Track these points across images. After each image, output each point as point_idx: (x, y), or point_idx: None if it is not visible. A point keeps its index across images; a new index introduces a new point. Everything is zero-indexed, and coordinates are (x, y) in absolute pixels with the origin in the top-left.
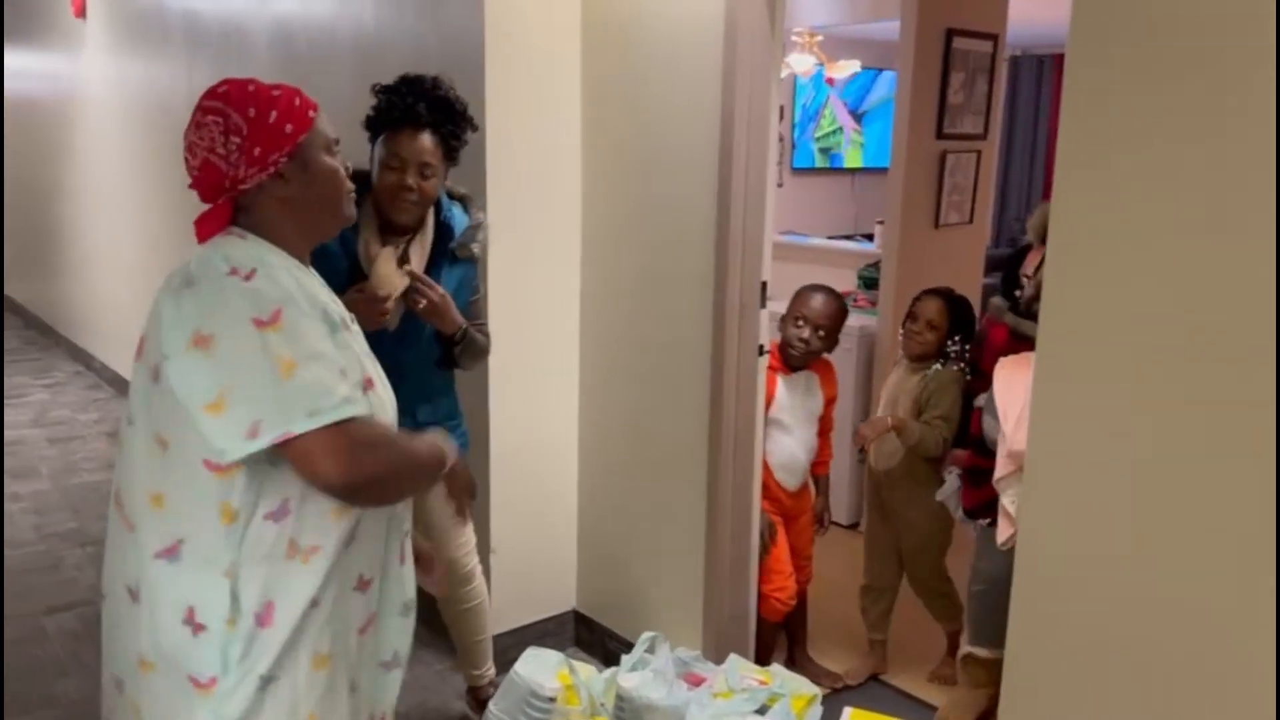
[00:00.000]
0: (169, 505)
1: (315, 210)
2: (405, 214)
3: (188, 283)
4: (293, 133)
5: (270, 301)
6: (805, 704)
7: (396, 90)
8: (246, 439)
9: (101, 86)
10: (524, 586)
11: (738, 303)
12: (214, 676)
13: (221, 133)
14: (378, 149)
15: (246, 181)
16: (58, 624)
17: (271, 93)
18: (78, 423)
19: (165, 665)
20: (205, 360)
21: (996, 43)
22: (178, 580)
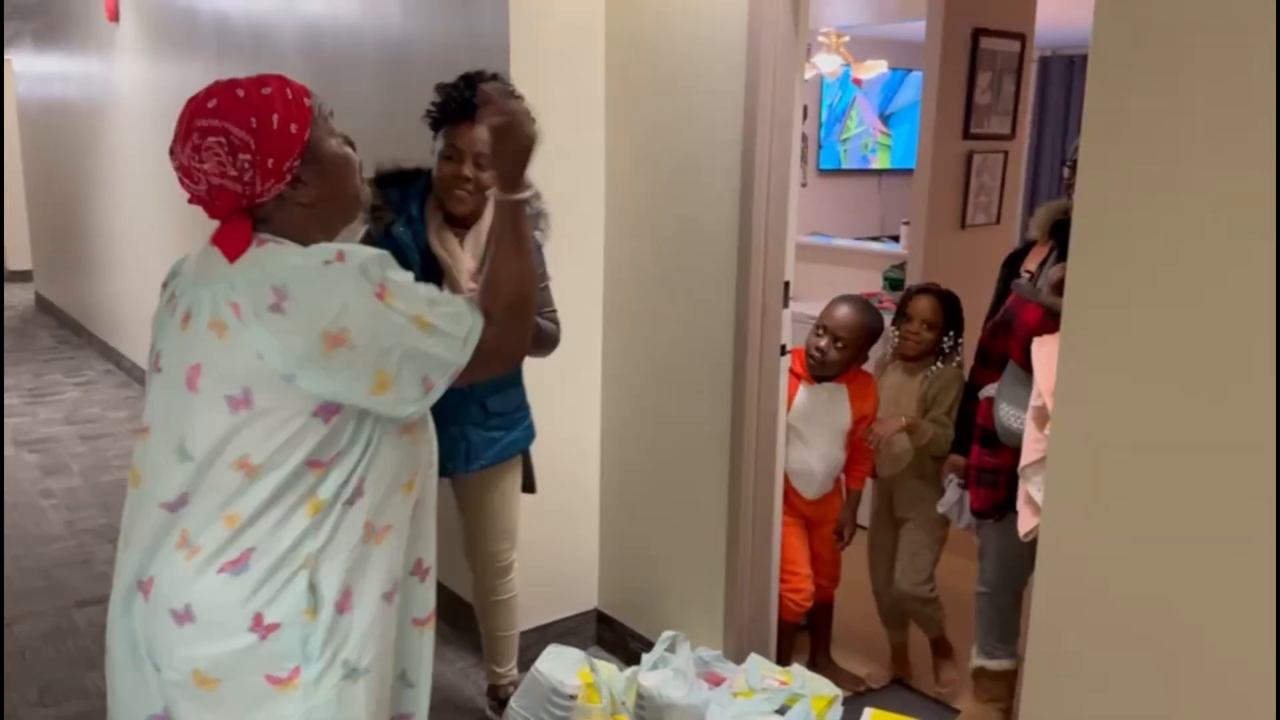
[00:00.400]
0: (245, 520)
1: (337, 203)
2: (461, 204)
3: (286, 294)
4: (298, 131)
5: (374, 271)
6: (826, 705)
7: (455, 85)
8: (424, 395)
9: (133, 89)
10: (546, 585)
11: (760, 302)
12: (296, 667)
13: (228, 153)
14: (438, 142)
15: (264, 195)
16: (87, 617)
17: (263, 92)
18: (108, 420)
19: (232, 675)
20: (350, 354)
21: (1024, 43)
22: (242, 590)
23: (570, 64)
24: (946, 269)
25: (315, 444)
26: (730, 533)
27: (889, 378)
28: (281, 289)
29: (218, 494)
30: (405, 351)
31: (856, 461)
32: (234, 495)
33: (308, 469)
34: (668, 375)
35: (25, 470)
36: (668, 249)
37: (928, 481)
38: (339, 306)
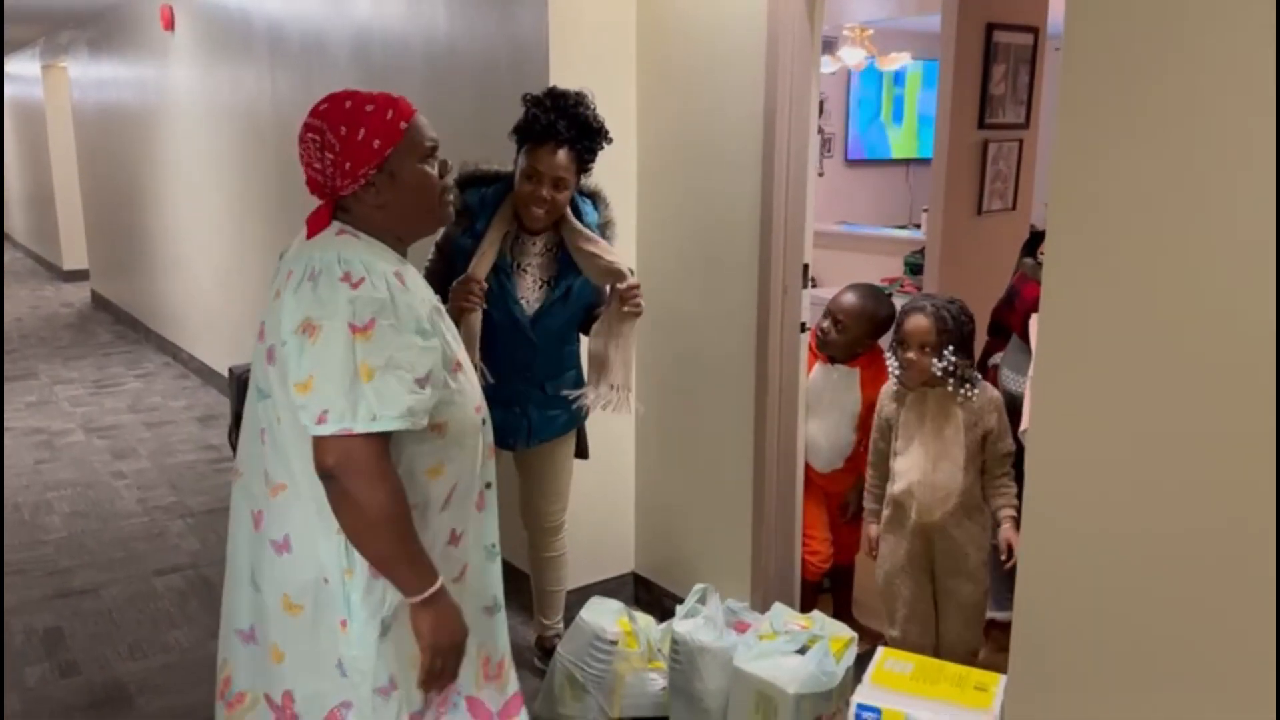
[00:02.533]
0: (297, 471)
1: (407, 212)
2: (536, 221)
3: (310, 277)
4: (380, 147)
5: (368, 311)
6: (843, 645)
7: (541, 104)
8: (317, 424)
9: (188, 95)
10: (588, 550)
11: (781, 283)
12: (344, 619)
13: (318, 149)
14: (521, 158)
15: (342, 190)
16: (166, 584)
17: (365, 108)
18: (170, 409)
19: (312, 607)
20: (308, 345)
21: (1037, 35)
22: (310, 536)
23: (604, 62)
24: (964, 254)
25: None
26: (756, 497)
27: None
28: (316, 272)
29: (282, 439)
30: (333, 379)
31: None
32: (284, 440)
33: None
34: (696, 352)
35: (96, 454)
36: (695, 232)
37: (977, 518)
38: (327, 309)
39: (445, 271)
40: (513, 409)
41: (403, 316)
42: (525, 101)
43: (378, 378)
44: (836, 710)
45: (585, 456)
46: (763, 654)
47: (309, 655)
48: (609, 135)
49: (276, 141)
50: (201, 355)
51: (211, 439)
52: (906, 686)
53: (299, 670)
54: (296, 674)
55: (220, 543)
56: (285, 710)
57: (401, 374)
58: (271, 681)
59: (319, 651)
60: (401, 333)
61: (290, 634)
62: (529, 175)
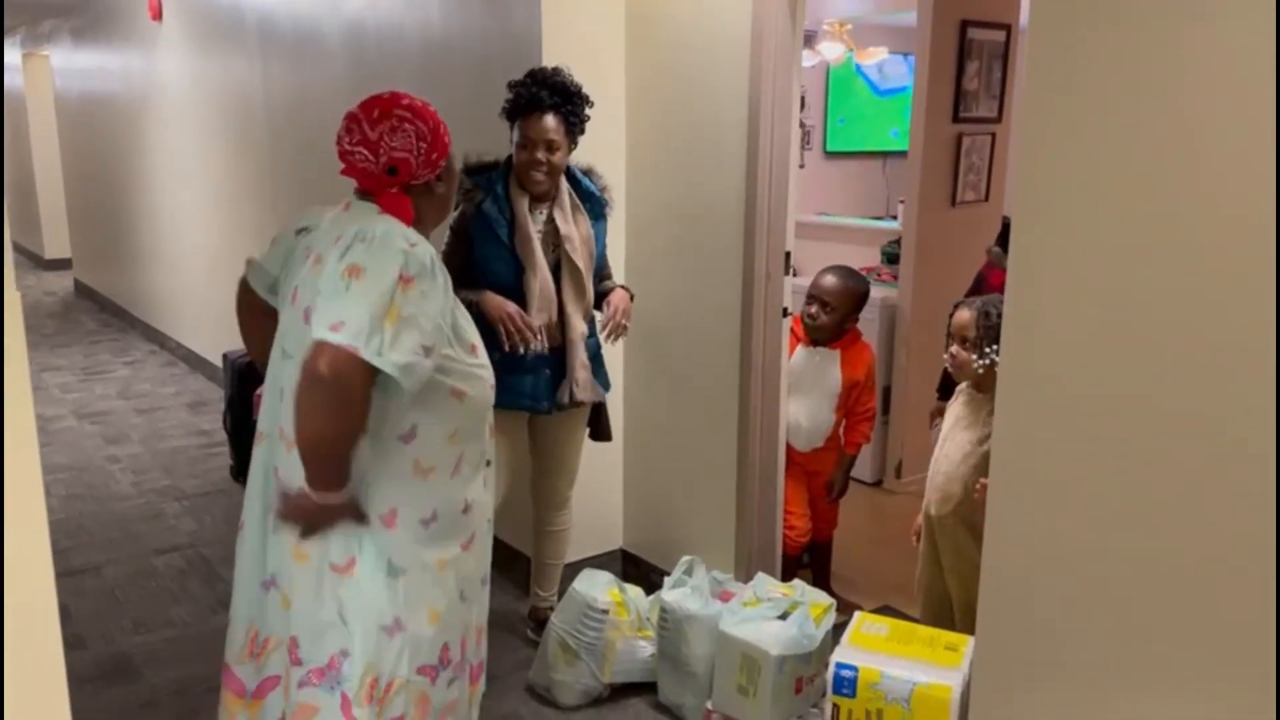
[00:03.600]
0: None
1: (448, 203)
2: (537, 185)
3: (361, 238)
4: (448, 143)
5: (414, 269)
6: (822, 611)
7: (523, 83)
8: (329, 330)
9: (176, 85)
10: (577, 528)
11: (764, 270)
12: (352, 558)
13: (416, 138)
14: (514, 132)
15: (419, 177)
16: (165, 562)
17: (431, 108)
18: (159, 395)
19: (314, 556)
20: (351, 283)
21: (1010, 32)
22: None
23: (595, 54)
24: (939, 244)
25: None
26: (740, 474)
27: (965, 409)
28: (372, 237)
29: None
30: (365, 303)
31: (851, 427)
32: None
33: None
34: (682, 336)
35: (89, 439)
36: (682, 221)
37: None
38: (380, 256)
39: (464, 251)
40: (541, 372)
41: (435, 290)
42: (509, 85)
43: (398, 325)
44: (816, 672)
45: (608, 439)
46: (747, 619)
47: (313, 603)
48: (589, 98)
49: (268, 132)
50: (189, 343)
51: (203, 425)
52: (882, 647)
53: (303, 618)
54: (301, 621)
55: (216, 524)
56: (292, 655)
57: (415, 334)
58: (283, 627)
59: (322, 600)
60: (429, 301)
61: (297, 583)
62: (523, 144)
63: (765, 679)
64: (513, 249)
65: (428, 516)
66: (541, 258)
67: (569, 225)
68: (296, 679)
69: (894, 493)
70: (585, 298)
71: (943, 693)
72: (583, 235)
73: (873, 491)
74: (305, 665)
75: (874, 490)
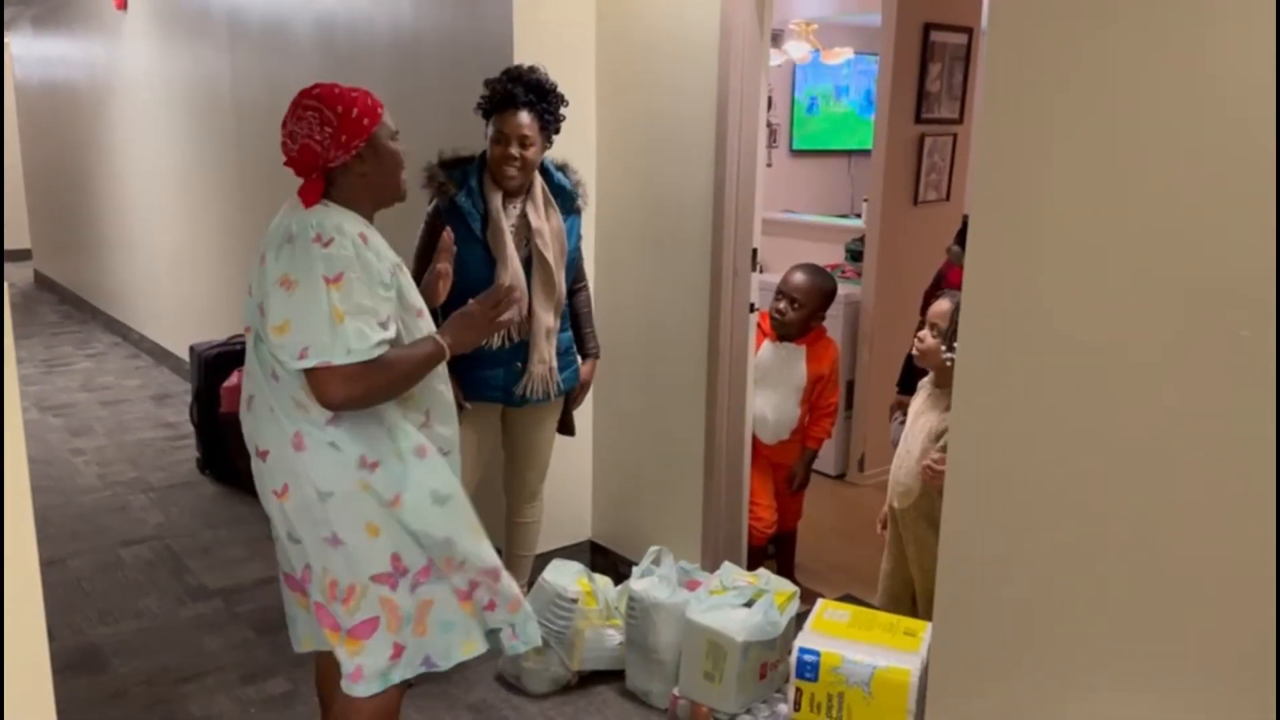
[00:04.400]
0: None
1: (384, 182)
2: (510, 180)
3: (289, 239)
4: (368, 125)
5: (337, 265)
6: (786, 598)
7: (499, 80)
8: (298, 358)
9: (141, 75)
10: (546, 519)
11: (732, 266)
12: (398, 494)
13: (319, 123)
14: (489, 129)
15: (334, 161)
16: (133, 554)
17: (351, 94)
18: (123, 387)
19: (354, 501)
20: (285, 296)
21: (971, 35)
22: (341, 439)
23: (566, 50)
24: (902, 242)
25: None
26: (707, 466)
27: (931, 407)
28: (293, 235)
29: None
30: (311, 322)
31: (814, 422)
32: (290, 375)
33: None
34: (651, 330)
35: (53, 432)
36: (652, 218)
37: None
38: (302, 265)
39: (437, 234)
40: (512, 365)
41: (369, 270)
42: (486, 83)
43: (349, 320)
44: (780, 658)
45: (571, 433)
46: (713, 607)
47: (280, 529)
48: (564, 97)
49: (236, 123)
50: (154, 335)
51: (168, 417)
52: (843, 632)
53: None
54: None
55: (183, 516)
56: (397, 569)
57: (368, 317)
58: (374, 557)
59: (285, 523)
60: (367, 284)
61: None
62: (497, 139)
63: (731, 665)
64: (485, 242)
65: (370, 459)
66: (513, 251)
67: (541, 220)
68: (409, 584)
69: (857, 485)
70: (555, 293)
71: (901, 676)
72: (554, 230)
73: (836, 484)
74: (411, 572)
75: (837, 483)
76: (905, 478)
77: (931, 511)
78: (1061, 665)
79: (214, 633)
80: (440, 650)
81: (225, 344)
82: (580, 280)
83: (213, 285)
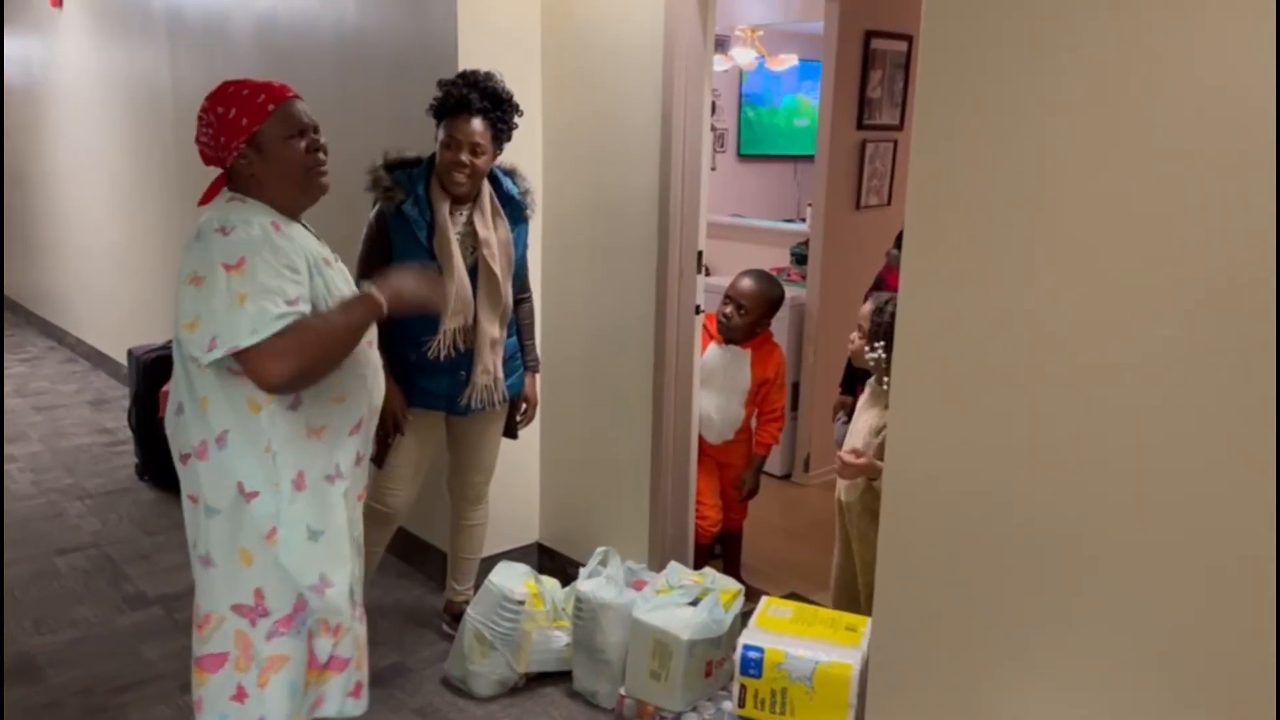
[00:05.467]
0: (211, 405)
1: (276, 181)
2: (458, 187)
3: (197, 237)
4: (247, 125)
5: (238, 250)
6: (731, 597)
7: (454, 83)
8: (208, 350)
9: (78, 74)
10: (493, 522)
11: (678, 269)
12: (273, 527)
13: (203, 125)
14: (440, 131)
15: (220, 160)
16: (68, 563)
17: (241, 92)
18: (59, 392)
19: (231, 523)
20: (194, 292)
21: (911, 43)
22: (227, 461)
23: (510, 55)
24: (844, 245)
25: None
26: (654, 467)
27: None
28: (200, 232)
29: (186, 380)
30: (214, 311)
31: (761, 428)
32: (194, 382)
33: (228, 374)
34: (598, 332)
35: None
36: (598, 220)
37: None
38: (205, 258)
39: (384, 242)
40: (457, 374)
41: (276, 253)
42: (439, 84)
43: (250, 301)
44: (725, 656)
45: (514, 436)
46: (659, 606)
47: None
48: (519, 107)
49: (175, 123)
50: (91, 339)
51: (105, 422)
52: (786, 628)
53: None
54: (259, 576)
55: (121, 523)
56: (258, 607)
57: (272, 296)
58: (240, 587)
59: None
60: (271, 265)
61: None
62: (448, 144)
63: (676, 663)
64: (431, 251)
65: (331, 473)
66: (460, 261)
67: (488, 230)
68: (265, 631)
69: (803, 485)
70: (501, 303)
71: (843, 670)
72: (501, 240)
73: (782, 485)
74: (272, 615)
75: (783, 484)
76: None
77: (875, 505)
78: (997, 659)
79: (153, 641)
80: (277, 717)
81: (164, 347)
82: (525, 291)
83: (152, 288)
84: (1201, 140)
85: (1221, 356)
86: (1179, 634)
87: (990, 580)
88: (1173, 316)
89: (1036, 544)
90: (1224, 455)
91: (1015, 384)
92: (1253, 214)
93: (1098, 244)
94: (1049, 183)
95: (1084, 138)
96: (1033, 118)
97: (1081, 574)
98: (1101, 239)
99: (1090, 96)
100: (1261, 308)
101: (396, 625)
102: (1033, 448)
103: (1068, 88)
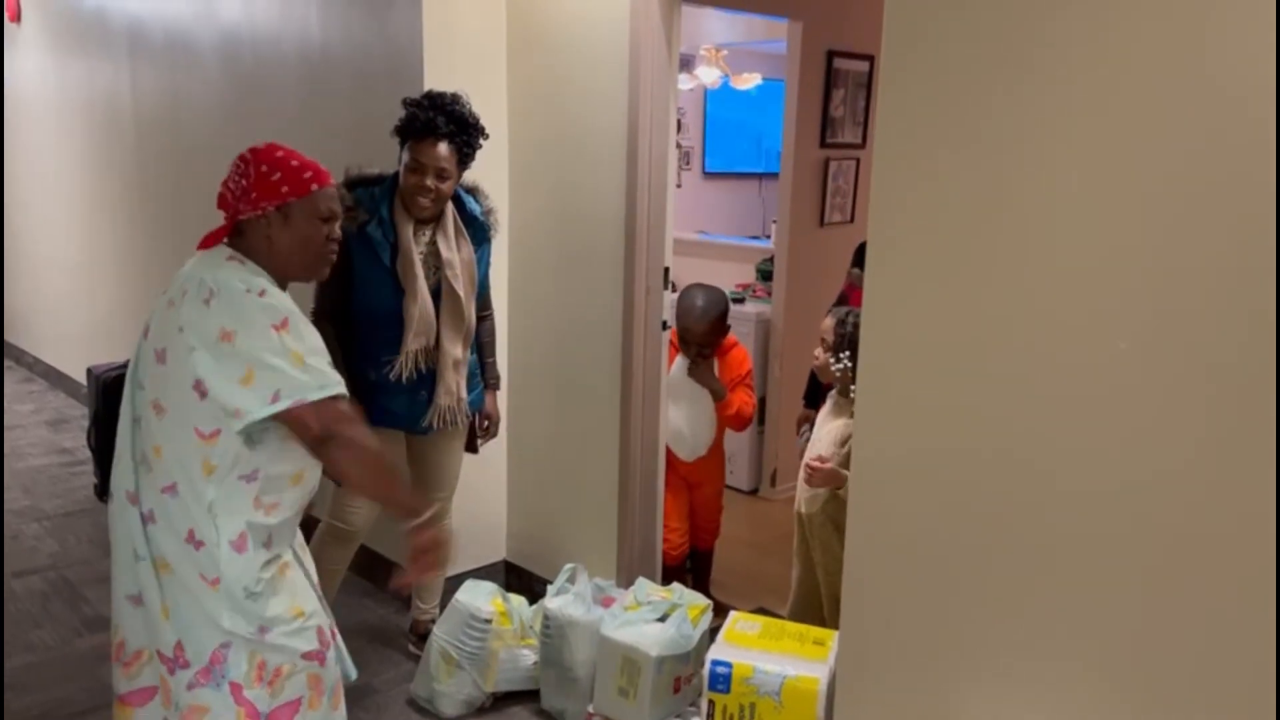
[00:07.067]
0: (166, 455)
1: (289, 253)
2: (423, 211)
3: (208, 298)
4: (286, 192)
5: (281, 312)
6: (699, 612)
7: (420, 104)
8: (270, 403)
9: (37, 91)
10: (460, 541)
11: (644, 285)
12: (216, 578)
13: (240, 175)
14: (404, 154)
15: (241, 213)
16: (25, 586)
17: (291, 162)
18: (16, 413)
19: (181, 568)
20: (232, 349)
21: (873, 63)
22: (178, 509)
23: (476, 69)
24: (808, 262)
25: (198, 414)
26: (621, 482)
27: (838, 417)
28: (214, 290)
29: (146, 424)
30: (274, 368)
31: (732, 415)
32: (153, 429)
33: (194, 434)
34: (564, 348)
35: None
36: (564, 236)
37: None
38: (241, 317)
39: (345, 262)
40: (418, 394)
41: (304, 320)
42: (405, 104)
43: (309, 360)
44: (693, 671)
45: (474, 451)
46: (627, 622)
47: (190, 608)
48: (485, 130)
49: (136, 139)
50: (48, 358)
51: (64, 443)
52: (754, 643)
53: (183, 622)
54: (182, 626)
55: (80, 545)
56: (178, 659)
57: (321, 357)
58: (161, 636)
59: (199, 604)
60: (309, 328)
61: (170, 593)
62: (413, 168)
63: (645, 680)
64: (394, 273)
65: (265, 540)
66: (423, 283)
67: (451, 251)
68: (185, 682)
69: (769, 500)
70: (464, 324)
71: (810, 684)
72: (464, 260)
73: (749, 499)
74: (192, 667)
75: (750, 498)
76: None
77: (838, 515)
78: (964, 671)
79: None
80: None
81: (124, 366)
82: (486, 308)
83: (110, 306)
84: (1161, 161)
85: (1172, 368)
86: (1157, 643)
87: (956, 590)
88: (1128, 329)
89: (1004, 555)
90: (1182, 460)
91: (976, 393)
92: (1206, 231)
93: (1054, 255)
94: (1006, 198)
95: (1041, 155)
96: (990, 137)
97: (1050, 582)
98: (1058, 251)
99: (1046, 115)
100: (1219, 310)
101: (361, 645)
102: (999, 458)
103: (1024, 107)
